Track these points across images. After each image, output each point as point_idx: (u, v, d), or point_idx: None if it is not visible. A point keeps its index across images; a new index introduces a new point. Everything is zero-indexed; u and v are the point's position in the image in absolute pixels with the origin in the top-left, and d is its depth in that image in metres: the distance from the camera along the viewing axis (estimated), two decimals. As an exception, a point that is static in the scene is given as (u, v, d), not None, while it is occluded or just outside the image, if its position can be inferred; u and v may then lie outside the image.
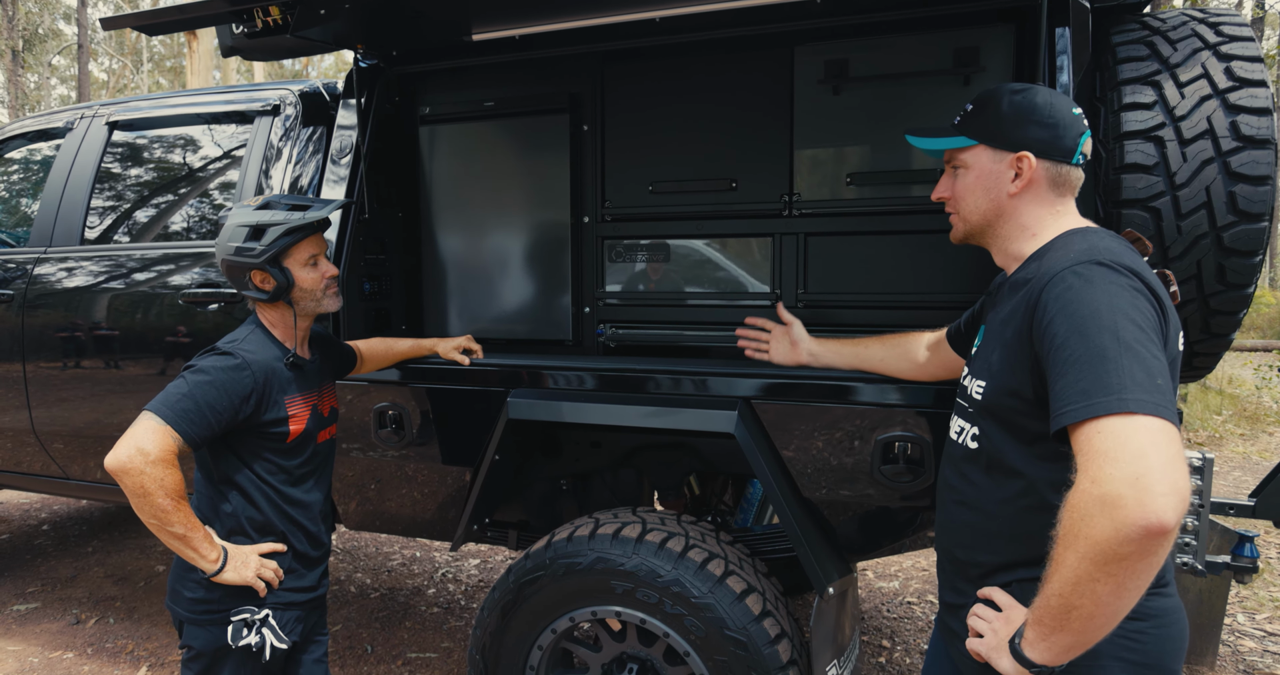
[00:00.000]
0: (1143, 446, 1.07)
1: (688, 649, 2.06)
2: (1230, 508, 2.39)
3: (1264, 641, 3.46)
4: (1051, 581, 1.15)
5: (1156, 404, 1.10)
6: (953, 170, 1.50)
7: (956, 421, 1.50)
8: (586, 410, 2.21)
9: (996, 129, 1.42)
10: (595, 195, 2.60)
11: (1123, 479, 1.06)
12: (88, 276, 2.98)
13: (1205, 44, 2.01)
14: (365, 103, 2.56)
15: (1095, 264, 1.24)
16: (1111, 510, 1.05)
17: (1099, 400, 1.12)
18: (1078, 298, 1.21)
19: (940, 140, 1.49)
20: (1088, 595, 1.10)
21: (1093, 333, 1.17)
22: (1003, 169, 1.42)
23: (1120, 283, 1.21)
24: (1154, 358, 1.15)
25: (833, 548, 2.17)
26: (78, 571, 4.29)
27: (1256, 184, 1.88)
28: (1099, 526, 1.06)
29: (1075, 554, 1.10)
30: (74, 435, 3.06)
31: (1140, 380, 1.12)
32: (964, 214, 1.49)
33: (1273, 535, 4.57)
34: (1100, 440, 1.10)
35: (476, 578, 4.22)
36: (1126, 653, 1.28)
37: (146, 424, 1.73)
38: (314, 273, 1.97)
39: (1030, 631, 1.20)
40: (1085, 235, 1.35)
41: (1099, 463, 1.09)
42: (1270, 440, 7.11)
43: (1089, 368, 1.15)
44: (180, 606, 1.89)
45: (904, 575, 4.24)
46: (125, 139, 3.14)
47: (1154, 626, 1.29)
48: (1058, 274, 1.26)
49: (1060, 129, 1.39)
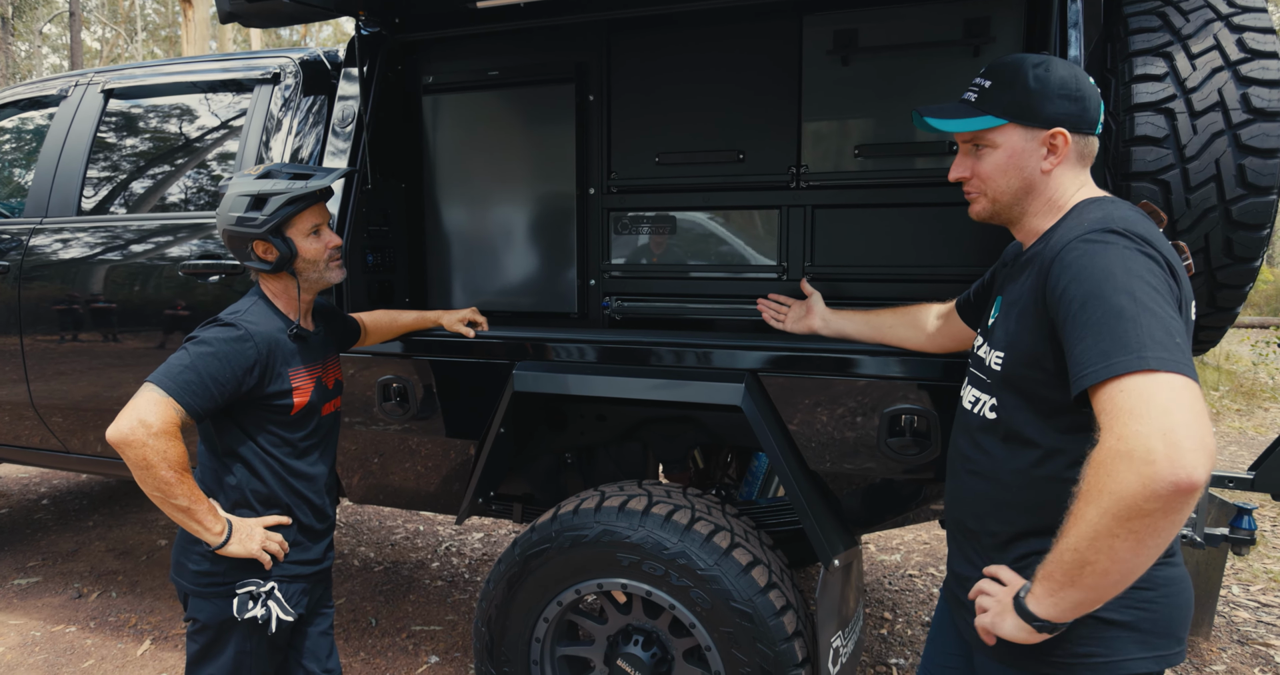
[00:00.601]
0: (1167, 403, 1.06)
1: (693, 620, 2.07)
2: (1230, 481, 2.41)
3: (1258, 612, 3.50)
4: (1068, 536, 1.14)
5: (1177, 361, 1.10)
6: (973, 149, 1.45)
7: (971, 392, 1.49)
8: (593, 383, 2.20)
9: (1027, 106, 1.37)
10: (601, 167, 2.58)
11: (1151, 434, 1.05)
12: (85, 248, 2.95)
13: (1217, 15, 1.98)
14: (368, 71, 2.52)
15: (1108, 231, 1.24)
16: (1140, 465, 1.05)
17: (1119, 359, 1.11)
18: (1092, 262, 1.21)
19: (967, 122, 1.42)
20: (1105, 551, 1.10)
21: (1109, 294, 1.16)
22: (1035, 147, 1.39)
23: (1133, 248, 1.21)
24: (1171, 318, 1.14)
25: (838, 520, 2.17)
26: (79, 546, 4.30)
27: (1266, 157, 1.86)
28: (1125, 481, 1.06)
29: (1097, 509, 1.09)
30: (72, 408, 3.05)
31: (1160, 339, 1.11)
32: (994, 194, 1.44)
33: (1267, 509, 4.61)
34: (1124, 398, 1.09)
35: (480, 551, 4.24)
36: (1136, 621, 1.29)
37: (148, 396, 1.71)
38: (317, 243, 1.94)
39: (1039, 586, 1.21)
40: (1100, 205, 1.34)
41: (1124, 420, 1.08)
42: (1265, 416, 7.16)
43: (1107, 329, 1.14)
44: (185, 579, 1.89)
45: (905, 548, 4.27)
46: (122, 107, 3.09)
47: (1162, 595, 1.30)
48: (1070, 243, 1.26)
49: (1087, 101, 1.38)
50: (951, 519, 1.55)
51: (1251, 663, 3.10)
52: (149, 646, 3.23)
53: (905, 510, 2.19)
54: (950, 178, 1.51)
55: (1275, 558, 4.07)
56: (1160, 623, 1.31)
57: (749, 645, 2.00)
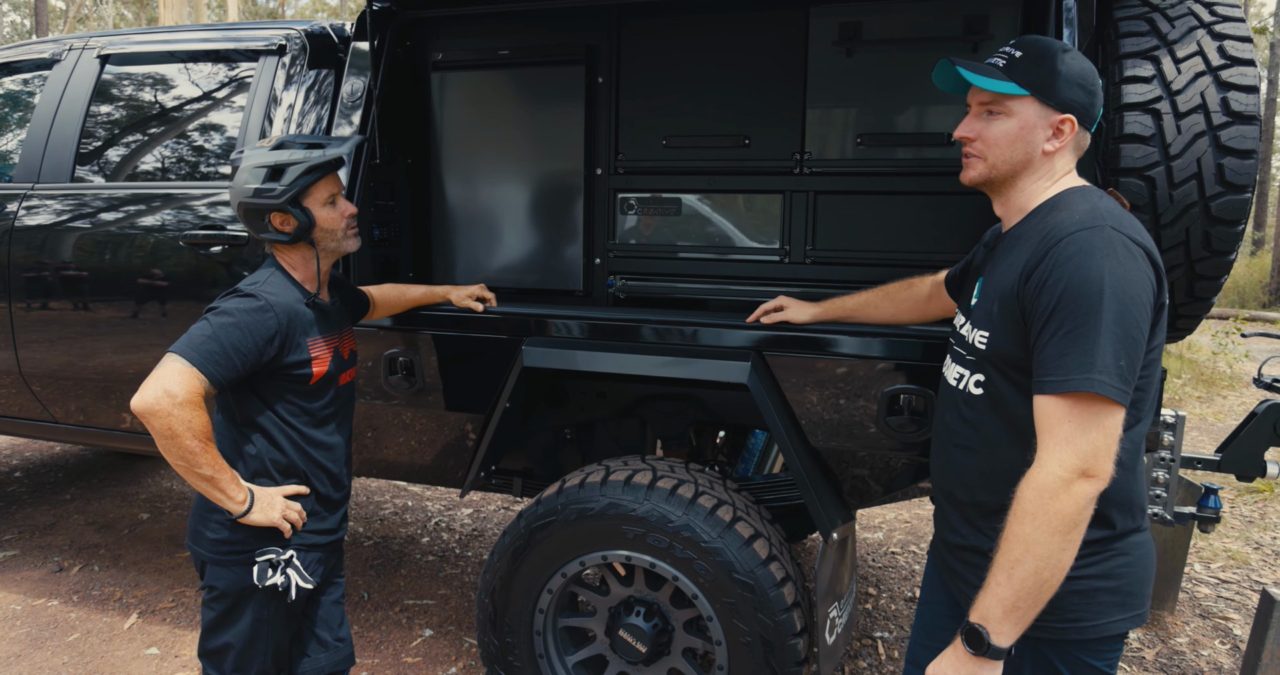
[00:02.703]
0: (1091, 434, 1.25)
1: (696, 592, 2.14)
2: (1198, 462, 2.54)
3: (1218, 588, 3.69)
4: (1024, 563, 1.27)
5: (1121, 390, 1.25)
6: (985, 113, 1.46)
7: (955, 368, 1.56)
8: (601, 359, 2.25)
9: (1051, 85, 1.40)
10: (609, 148, 2.62)
11: (1076, 464, 1.25)
12: (77, 215, 2.91)
13: (1200, 22, 2.07)
14: (377, 46, 2.52)
15: (1098, 229, 1.30)
16: (1067, 494, 1.24)
17: (1077, 376, 1.25)
18: (1086, 262, 1.28)
19: (995, 82, 1.43)
20: (1050, 561, 1.26)
21: (1086, 307, 1.27)
22: (1044, 126, 1.42)
23: (1121, 252, 1.28)
24: (1133, 340, 1.27)
25: (837, 495, 2.26)
26: (56, 519, 4.25)
27: (1243, 157, 1.97)
28: (1061, 504, 1.25)
29: (1036, 527, 1.26)
30: (52, 377, 3.02)
31: (1109, 364, 1.25)
32: (993, 160, 1.46)
33: (1225, 491, 4.83)
34: (1064, 423, 1.27)
35: (470, 527, 4.28)
36: (1115, 585, 1.41)
37: (172, 365, 1.72)
38: (334, 212, 1.96)
39: (1005, 623, 1.30)
40: (1086, 195, 1.41)
41: (1060, 449, 1.27)
42: (1224, 403, 7.46)
43: (1069, 342, 1.27)
44: (202, 547, 1.91)
45: (888, 526, 4.41)
46: (118, 73, 3.04)
47: (1134, 560, 1.43)
48: (1066, 237, 1.32)
49: (1096, 97, 1.44)
50: (940, 490, 1.62)
51: (1212, 635, 3.28)
52: (136, 619, 3.23)
53: (902, 486, 2.28)
54: (955, 135, 1.53)
55: (1234, 537, 4.29)
56: (1135, 582, 1.43)
57: (750, 616, 2.08)
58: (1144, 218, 2.00)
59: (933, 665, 1.39)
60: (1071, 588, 1.35)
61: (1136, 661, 3.06)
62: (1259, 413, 2.41)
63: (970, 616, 1.33)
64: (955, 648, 1.36)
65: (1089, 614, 1.40)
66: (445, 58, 2.70)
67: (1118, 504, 1.39)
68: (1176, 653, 3.12)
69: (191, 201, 2.77)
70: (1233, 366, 8.87)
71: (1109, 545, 1.41)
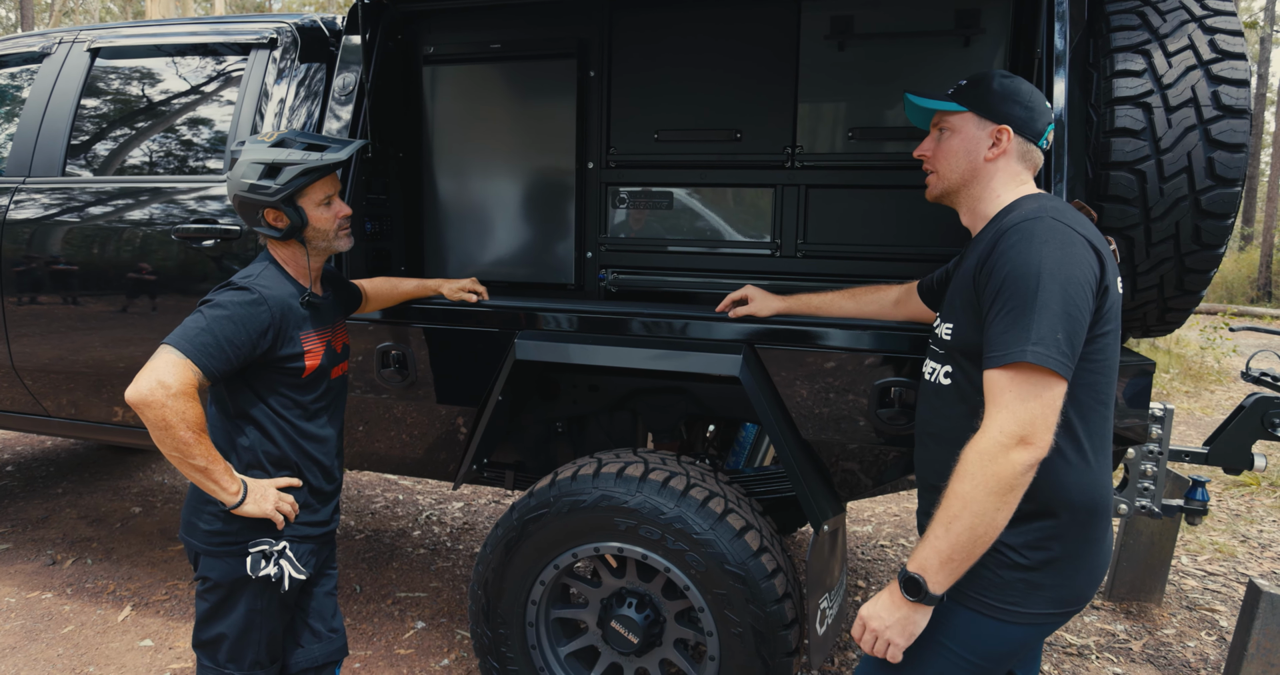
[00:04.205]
0: (1029, 403, 1.32)
1: (688, 583, 2.15)
2: (1186, 455, 2.56)
3: (1204, 581, 3.72)
4: (961, 519, 1.36)
5: (1060, 362, 1.32)
6: (938, 132, 1.64)
7: (929, 363, 1.65)
8: (594, 352, 2.26)
9: (986, 101, 1.58)
10: (600, 142, 2.62)
11: (1016, 431, 1.33)
12: (68, 210, 2.90)
13: (1191, 16, 2.09)
14: (369, 40, 2.52)
15: (1039, 219, 1.41)
16: (1005, 460, 1.32)
17: (1015, 349, 1.33)
18: (1028, 247, 1.39)
19: (935, 102, 1.63)
20: (985, 520, 1.35)
21: (1026, 288, 1.36)
22: (983, 136, 1.58)
23: (1059, 238, 1.38)
24: (1072, 317, 1.34)
25: (827, 487, 2.27)
26: (49, 513, 4.25)
27: (1233, 151, 1.98)
28: (999, 467, 1.32)
29: (975, 486, 1.34)
30: (44, 371, 3.02)
31: (1045, 336, 1.32)
32: (943, 172, 1.63)
33: (1211, 485, 4.87)
34: (1006, 392, 1.34)
35: (461, 520, 4.29)
36: (1048, 581, 1.47)
37: (167, 357, 1.73)
38: (328, 212, 1.96)
39: (940, 572, 1.39)
40: (1038, 198, 1.52)
41: (1001, 415, 1.34)
42: (1212, 397, 7.51)
43: (1011, 320, 1.36)
44: (196, 539, 1.92)
45: (877, 520, 4.43)
46: (108, 67, 3.04)
47: (1078, 565, 1.49)
48: (1011, 228, 1.44)
49: (1036, 113, 1.58)
50: (921, 480, 1.70)
51: (1199, 627, 3.31)
52: (130, 612, 3.23)
53: (892, 478, 2.30)
54: (915, 154, 1.69)
55: (1220, 530, 4.32)
56: (1066, 590, 1.49)
57: (741, 607, 2.10)
58: (1134, 211, 2.01)
59: (867, 607, 1.49)
60: (1000, 563, 1.45)
61: (1124, 653, 3.09)
62: (1246, 406, 2.43)
63: (909, 566, 1.43)
64: (891, 593, 1.46)
65: (1008, 596, 1.46)
66: (436, 51, 2.69)
67: (1069, 504, 1.45)
68: (1163, 644, 3.15)
69: (182, 195, 2.77)
70: (1220, 361, 8.93)
71: (1050, 543, 1.46)
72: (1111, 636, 3.21)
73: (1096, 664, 3.00)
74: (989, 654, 1.50)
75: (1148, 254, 2.07)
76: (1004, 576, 1.46)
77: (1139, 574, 3.43)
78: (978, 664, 1.50)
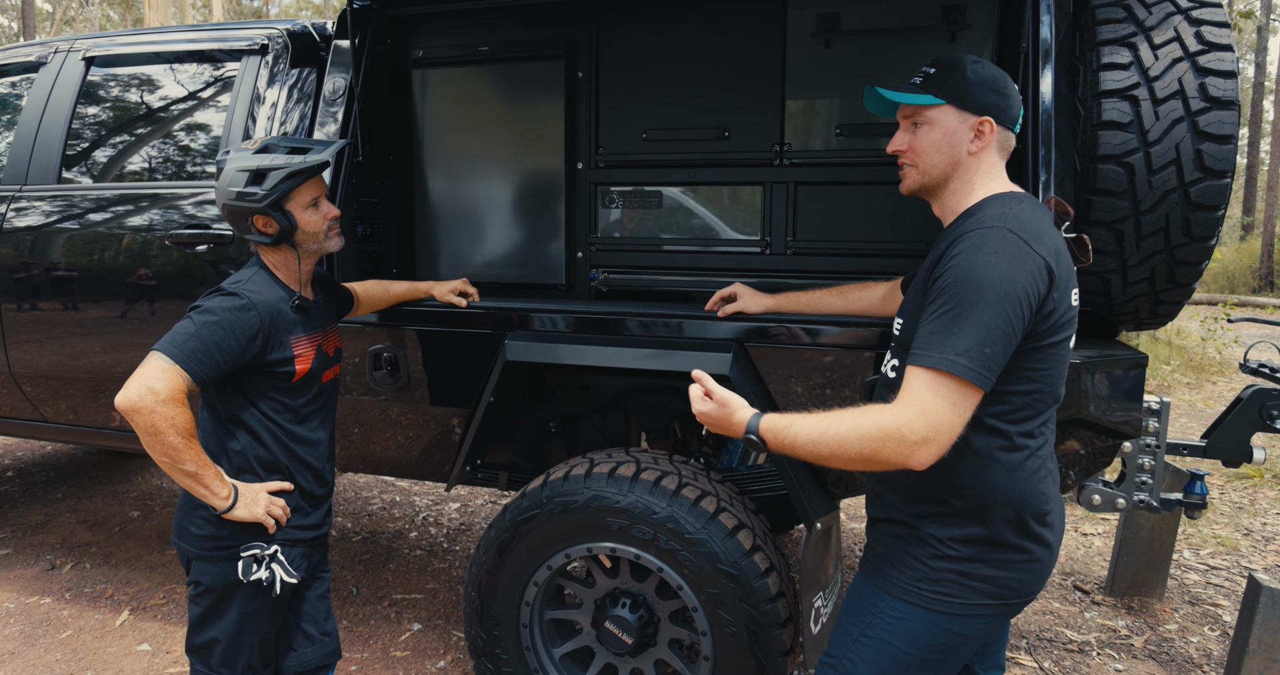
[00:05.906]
0: (943, 409, 1.33)
1: (681, 583, 2.15)
2: (1184, 448, 2.54)
3: (1207, 575, 3.71)
4: (826, 434, 1.38)
5: (980, 375, 1.33)
6: (912, 126, 1.58)
7: (888, 357, 1.65)
8: (584, 352, 2.26)
9: (963, 92, 1.52)
10: (589, 142, 2.62)
11: (922, 431, 1.33)
12: (65, 216, 2.92)
13: (1177, 8, 2.08)
14: (358, 44, 2.53)
15: (995, 229, 1.40)
16: (898, 446, 1.33)
17: (936, 354, 1.34)
18: (976, 256, 1.38)
19: (911, 96, 1.56)
20: (834, 457, 1.38)
21: (964, 296, 1.36)
22: (965, 129, 1.53)
23: (1009, 252, 1.37)
24: (1003, 332, 1.34)
25: (820, 485, 2.27)
26: (48, 518, 4.26)
27: (1221, 143, 1.97)
28: (887, 447, 1.33)
29: (858, 437, 1.35)
30: (42, 377, 3.03)
31: (971, 348, 1.33)
32: (924, 167, 1.57)
33: (1214, 477, 4.85)
34: (923, 391, 1.34)
35: (457, 521, 4.29)
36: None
37: (156, 363, 1.74)
38: (316, 215, 1.97)
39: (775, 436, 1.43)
40: (1003, 201, 1.49)
41: (914, 411, 1.34)
42: (1214, 389, 7.48)
43: (944, 323, 1.35)
44: (188, 543, 1.93)
45: (870, 518, 4.40)
46: (104, 75, 3.05)
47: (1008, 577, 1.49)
48: (965, 234, 1.43)
49: (1009, 98, 1.54)
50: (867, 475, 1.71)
51: (1201, 622, 3.30)
52: (128, 616, 3.24)
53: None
54: (888, 150, 1.63)
55: (1223, 523, 4.31)
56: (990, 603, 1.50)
57: (735, 606, 2.09)
58: (1123, 204, 2.00)
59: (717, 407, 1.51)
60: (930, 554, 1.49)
61: (1125, 649, 3.08)
62: (1244, 398, 2.41)
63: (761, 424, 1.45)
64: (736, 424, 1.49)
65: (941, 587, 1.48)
66: (426, 55, 2.70)
67: (998, 501, 1.45)
68: (1165, 639, 3.14)
69: (177, 201, 2.78)
70: (1222, 352, 8.89)
71: (977, 539, 1.47)
72: (1113, 632, 3.20)
73: (1098, 660, 2.99)
74: (929, 645, 1.50)
75: (1138, 247, 2.06)
76: (935, 567, 1.48)
77: (1140, 569, 3.42)
78: (921, 656, 1.51)
